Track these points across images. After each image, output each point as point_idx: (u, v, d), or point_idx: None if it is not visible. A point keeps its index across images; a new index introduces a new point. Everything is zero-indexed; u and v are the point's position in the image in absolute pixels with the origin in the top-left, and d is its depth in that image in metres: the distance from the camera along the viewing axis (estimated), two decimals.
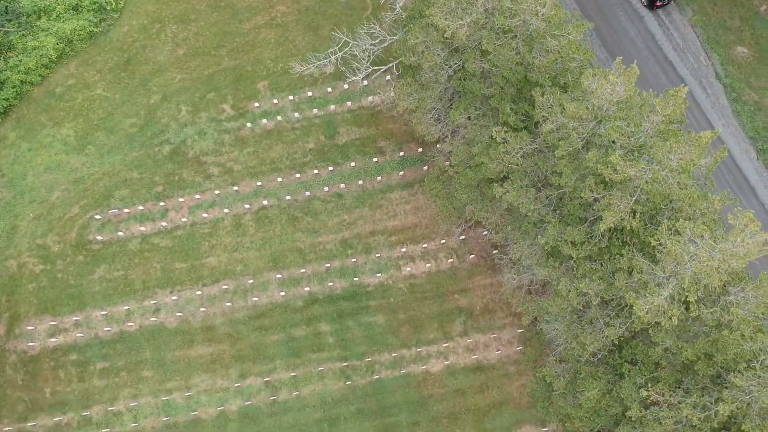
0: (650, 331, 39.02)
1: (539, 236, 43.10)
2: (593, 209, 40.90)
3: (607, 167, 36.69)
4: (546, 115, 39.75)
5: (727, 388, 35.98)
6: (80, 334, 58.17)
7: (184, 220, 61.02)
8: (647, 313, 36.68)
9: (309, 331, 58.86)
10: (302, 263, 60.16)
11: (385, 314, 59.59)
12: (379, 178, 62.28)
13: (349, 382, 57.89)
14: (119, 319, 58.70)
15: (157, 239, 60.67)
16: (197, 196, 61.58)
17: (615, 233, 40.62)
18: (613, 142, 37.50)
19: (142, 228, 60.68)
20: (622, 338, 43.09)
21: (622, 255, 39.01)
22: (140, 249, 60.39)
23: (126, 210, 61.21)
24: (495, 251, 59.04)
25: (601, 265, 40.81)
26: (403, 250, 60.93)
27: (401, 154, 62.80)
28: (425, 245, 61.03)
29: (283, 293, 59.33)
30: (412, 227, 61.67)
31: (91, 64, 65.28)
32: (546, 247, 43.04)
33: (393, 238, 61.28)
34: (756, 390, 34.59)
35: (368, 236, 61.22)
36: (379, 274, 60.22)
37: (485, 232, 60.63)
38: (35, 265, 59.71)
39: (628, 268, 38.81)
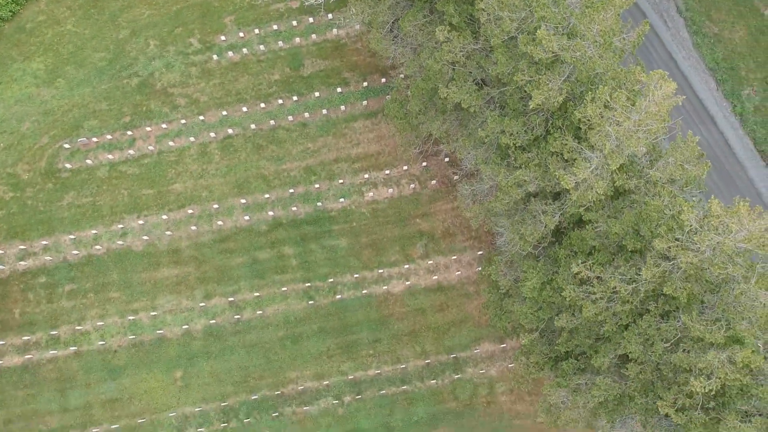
0: (582, 214, 40.89)
1: (480, 129, 44.98)
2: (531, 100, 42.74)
3: (536, 46, 38.59)
4: (483, 7, 41.70)
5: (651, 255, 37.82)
6: (49, 258, 60.15)
7: (151, 148, 63.06)
8: (575, 187, 38.54)
9: (273, 254, 60.77)
10: (266, 189, 62.14)
11: (348, 238, 61.50)
12: (343, 107, 64.22)
13: (311, 302, 59.83)
14: (87, 243, 60.69)
15: (125, 167, 62.69)
16: (164, 126, 63.57)
17: (550, 122, 42.53)
18: (542, 19, 39.34)
19: (110, 156, 62.75)
20: (560, 230, 44.94)
21: (555, 139, 40.88)
22: (108, 176, 62.42)
23: (94, 139, 63.24)
24: (454, 173, 60.85)
25: (537, 153, 42.69)
26: (366, 176, 62.84)
27: (365, 84, 64.71)
28: (388, 172, 62.92)
29: (247, 218, 61.28)
30: (375, 155, 63.58)
31: (61, 1, 67.31)
32: (486, 140, 44.94)
33: (356, 165, 63.20)
34: (675, 252, 36.38)
35: (332, 163, 63.16)
36: (342, 200, 62.12)
37: (446, 159, 62.54)
38: (5, 192, 61.75)
39: (560, 151, 40.69)
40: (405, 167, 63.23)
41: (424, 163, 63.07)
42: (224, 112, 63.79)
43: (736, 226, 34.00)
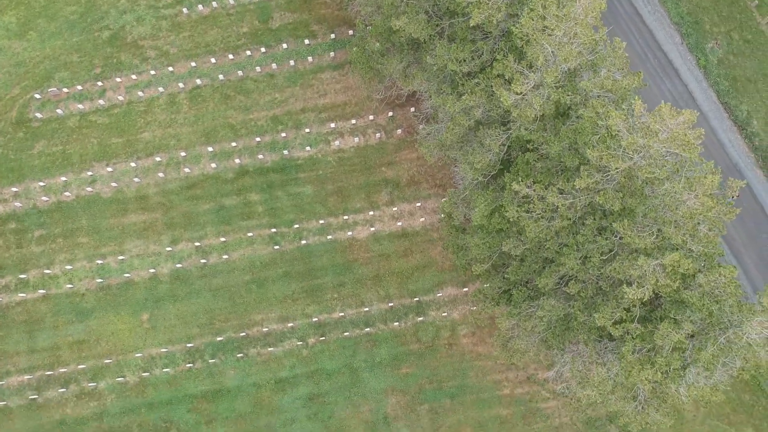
0: (526, 137, 42.32)
1: (429, 57, 46.42)
2: (480, 30, 44.24)
3: None
4: None
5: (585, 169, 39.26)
6: (19, 204, 61.62)
7: (120, 98, 64.58)
8: (515, 105, 39.99)
9: (239, 201, 62.25)
10: (233, 138, 63.61)
11: (314, 185, 62.98)
12: (310, 59, 65.69)
13: (277, 247, 61.27)
14: (57, 189, 62.16)
15: (95, 116, 64.22)
16: (134, 77, 65.05)
17: (496, 48, 43.97)
18: None
19: (81, 106, 64.23)
20: (509, 160, 46.39)
21: (499, 62, 42.33)
22: (78, 126, 63.93)
23: (65, 90, 64.76)
24: (419, 122, 62.20)
25: (483, 78, 44.14)
26: (333, 126, 64.30)
27: (332, 36, 66.21)
28: (354, 122, 64.42)
29: (214, 165, 62.76)
30: (342, 105, 65.06)
31: None
32: (435, 68, 46.39)
33: (323, 115, 64.69)
34: (606, 160, 37.79)
35: (299, 113, 64.65)
36: (309, 148, 63.61)
37: (412, 109, 63.97)
38: None
39: (503, 73, 42.14)
40: (371, 117, 64.69)
41: (390, 113, 64.52)
42: (193, 64, 65.27)
43: (659, 126, 35.38)
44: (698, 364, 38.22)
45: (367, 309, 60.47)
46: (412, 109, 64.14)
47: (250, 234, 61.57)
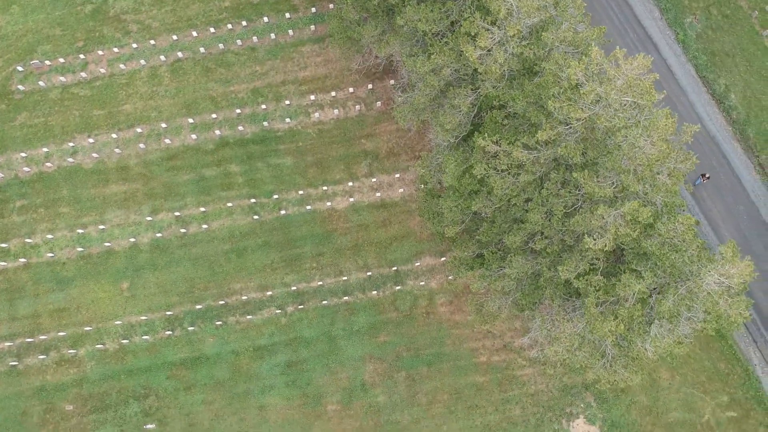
0: (493, 95, 43.07)
1: (399, 18, 47.19)
2: None
3: None
4: None
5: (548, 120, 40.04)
6: (0, 175, 62.28)
7: (102, 71, 65.32)
8: (480, 61, 40.72)
9: (219, 172, 63.03)
10: (214, 110, 64.38)
11: (294, 157, 63.73)
12: (291, 32, 66.44)
13: (256, 218, 62.04)
14: (38, 160, 62.95)
15: (77, 89, 64.97)
16: (116, 50, 65.85)
17: (464, 8, 44.72)
18: None
19: (63, 79, 65.00)
20: (478, 123, 47.18)
21: (466, 20, 43.10)
22: (60, 98, 64.69)
23: (48, 63, 65.52)
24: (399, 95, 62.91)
25: (452, 38, 44.90)
26: (313, 98, 65.08)
27: (313, 10, 67.03)
28: (334, 94, 65.16)
29: (194, 137, 63.53)
30: (322, 78, 65.81)
31: None
32: (406, 31, 47.16)
33: (303, 87, 65.44)
34: (566, 110, 38.52)
35: (279, 85, 65.39)
36: (289, 120, 64.35)
37: (392, 82, 64.69)
38: None
39: (470, 31, 42.89)
40: (351, 90, 65.42)
41: (370, 86, 65.28)
42: (175, 37, 66.06)
43: (615, 72, 36.14)
44: (661, 316, 38.93)
45: (345, 278, 61.21)
46: (392, 82, 64.90)
47: (229, 204, 62.32)
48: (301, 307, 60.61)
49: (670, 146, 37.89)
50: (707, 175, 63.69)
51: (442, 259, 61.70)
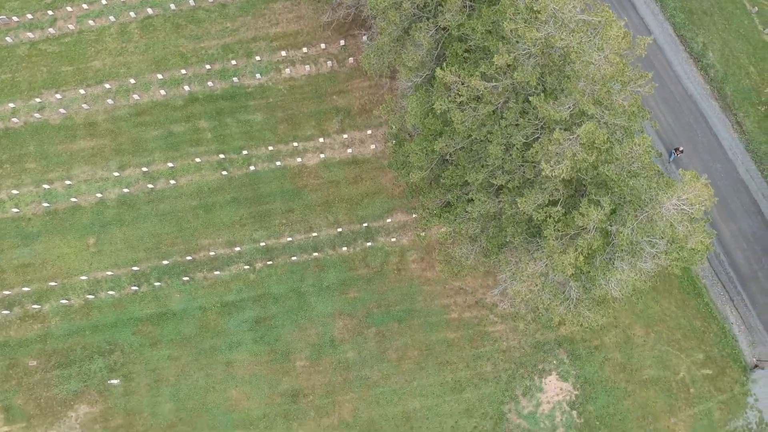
0: (452, 27, 42.46)
1: None
2: None
3: None
4: None
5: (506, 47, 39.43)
6: None
7: (71, 27, 64.72)
8: None
9: (188, 127, 62.43)
10: (184, 65, 63.83)
11: (264, 113, 63.12)
12: None
13: (225, 173, 61.42)
14: (4, 116, 62.34)
15: (45, 45, 64.37)
16: (85, 6, 65.30)
17: None
18: None
19: (31, 35, 64.42)
20: (441, 62, 46.59)
21: None
22: (28, 54, 64.10)
23: (15, 19, 64.93)
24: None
25: None
26: (284, 54, 64.46)
27: None
28: (306, 50, 64.60)
29: (164, 92, 62.90)
30: (294, 34, 65.25)
31: None
32: None
33: (274, 43, 64.87)
34: (522, 31, 37.85)
35: (250, 42, 64.86)
36: (259, 76, 63.73)
37: (364, 37, 64.10)
38: None
39: None
40: (323, 46, 64.84)
41: (342, 42, 64.66)
42: None
43: None
44: (622, 248, 38.28)
45: (315, 234, 60.57)
46: (364, 38, 64.34)
47: (198, 160, 61.70)
48: (270, 263, 59.92)
49: (624, 61, 37.27)
50: (681, 149, 62.97)
51: (414, 215, 61.02)
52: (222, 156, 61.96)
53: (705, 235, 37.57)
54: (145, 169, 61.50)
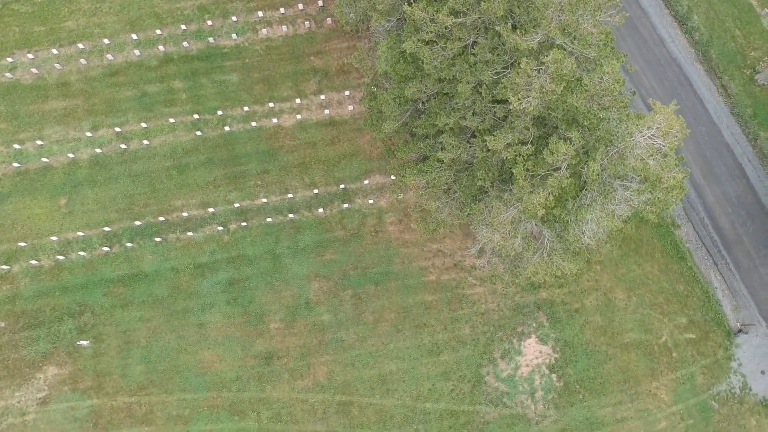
0: None
1: None
2: None
3: None
4: None
5: None
6: None
7: None
8: None
9: (162, 88, 61.52)
10: (159, 26, 62.98)
11: (240, 73, 62.20)
12: None
13: (199, 134, 60.50)
14: None
15: (17, 5, 63.59)
16: None
17: None
18: None
19: None
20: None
21: None
22: (0, 14, 62.97)
23: None
24: None
25: None
26: (261, 15, 63.60)
27: None
28: (283, 11, 63.72)
29: (138, 53, 62.01)
30: None
31: None
32: None
33: (251, 4, 64.09)
34: None
35: (226, 2, 64.03)
36: (235, 36, 62.88)
37: None
38: None
39: None
40: (300, 6, 64.01)
41: (320, 2, 63.76)
42: None
43: None
44: (594, 189, 37.33)
45: (291, 196, 59.64)
46: None
47: (172, 120, 60.76)
48: (245, 224, 58.99)
49: None
50: None
51: (392, 177, 60.06)
52: (196, 116, 61.05)
53: (678, 171, 36.60)
54: (118, 129, 60.55)
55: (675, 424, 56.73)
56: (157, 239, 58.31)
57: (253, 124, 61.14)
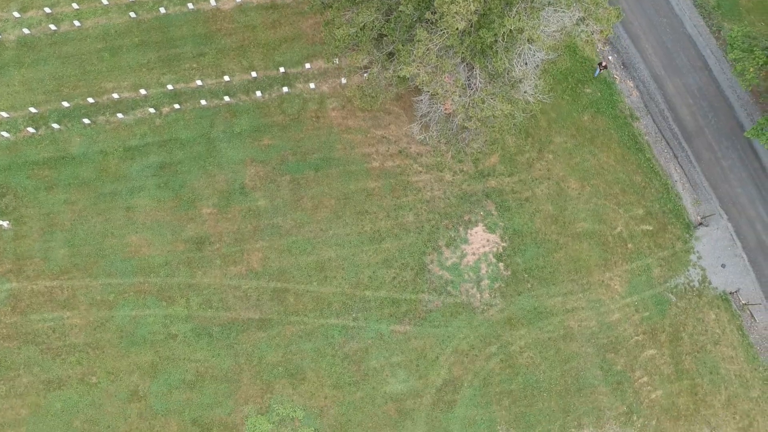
0: None
1: None
2: None
3: None
4: None
5: None
6: None
7: None
8: None
9: None
10: None
11: None
12: None
13: (133, 16, 58.18)
14: None
15: None
16: None
17: None
18: None
19: None
20: None
21: None
22: None
23: None
24: None
25: None
26: None
27: None
28: None
29: None
30: None
31: None
32: None
33: None
34: None
35: None
36: None
37: None
38: None
39: None
40: None
41: None
42: None
43: None
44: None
45: (228, 79, 57.21)
46: None
47: (105, 2, 58.51)
48: (178, 107, 56.54)
49: None
50: (605, 65, 59.35)
51: (336, 60, 57.56)
52: None
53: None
54: (48, 10, 58.10)
55: (629, 315, 54.24)
56: (86, 121, 55.81)
57: (190, 6, 58.74)
